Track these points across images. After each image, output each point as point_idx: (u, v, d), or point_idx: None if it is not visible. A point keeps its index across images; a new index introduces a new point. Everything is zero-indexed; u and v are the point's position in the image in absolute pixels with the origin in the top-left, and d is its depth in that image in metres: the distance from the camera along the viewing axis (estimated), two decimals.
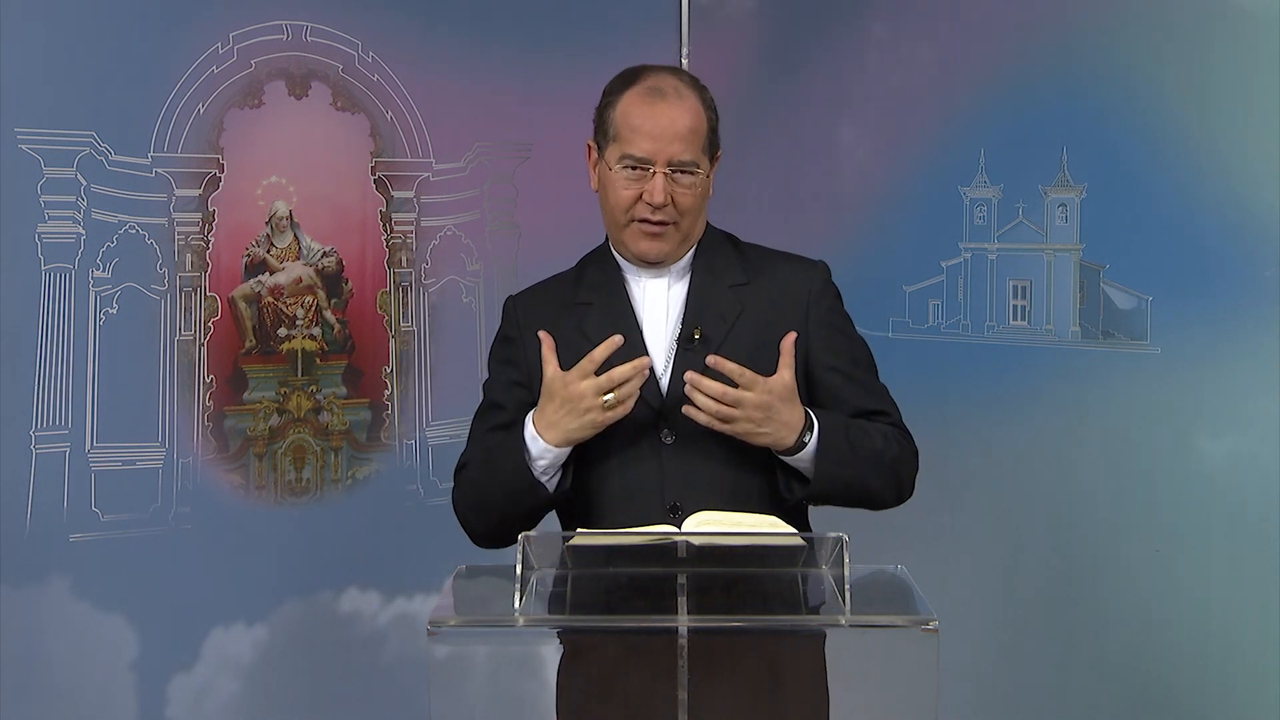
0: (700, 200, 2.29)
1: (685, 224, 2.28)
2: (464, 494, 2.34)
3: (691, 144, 2.24)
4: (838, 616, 1.89)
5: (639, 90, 2.27)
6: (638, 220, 2.27)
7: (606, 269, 2.36)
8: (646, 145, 2.23)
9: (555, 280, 2.43)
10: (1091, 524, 3.30)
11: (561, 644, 2.18)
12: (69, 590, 3.02)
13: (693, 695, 1.88)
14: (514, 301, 2.42)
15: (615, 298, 2.32)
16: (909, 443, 2.32)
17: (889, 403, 2.34)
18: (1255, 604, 3.09)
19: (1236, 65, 3.09)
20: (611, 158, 2.27)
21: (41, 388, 2.99)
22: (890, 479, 2.27)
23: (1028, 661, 3.39)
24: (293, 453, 3.33)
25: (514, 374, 2.35)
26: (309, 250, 3.35)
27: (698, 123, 2.26)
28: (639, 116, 2.25)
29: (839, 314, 2.36)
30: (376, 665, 3.42)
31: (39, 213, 2.98)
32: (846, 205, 3.65)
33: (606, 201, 2.31)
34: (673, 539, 2.02)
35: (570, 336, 2.29)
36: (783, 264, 2.37)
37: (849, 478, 2.22)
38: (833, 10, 3.68)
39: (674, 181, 2.24)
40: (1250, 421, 3.09)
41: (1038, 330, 3.41)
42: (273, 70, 3.27)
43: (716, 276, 2.32)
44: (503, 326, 2.41)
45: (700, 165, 2.26)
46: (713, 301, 2.30)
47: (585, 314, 2.32)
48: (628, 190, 2.26)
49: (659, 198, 2.23)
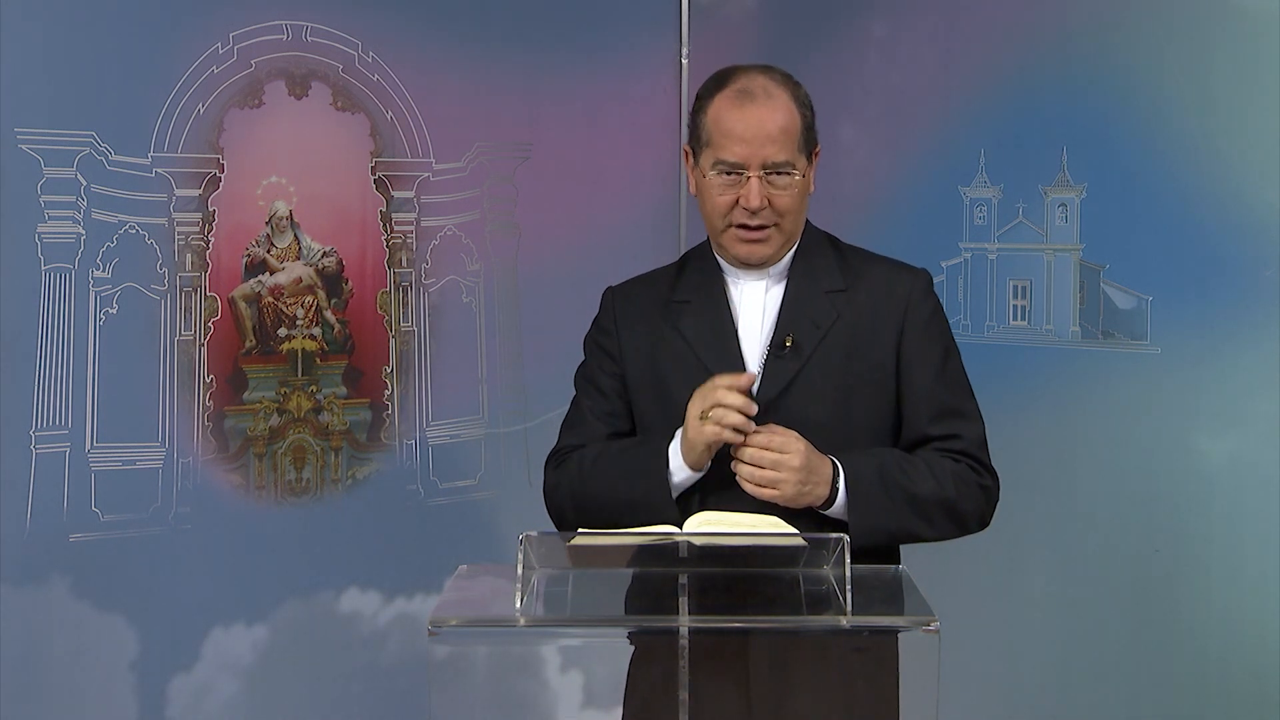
0: (799, 200, 2.26)
1: (786, 225, 2.26)
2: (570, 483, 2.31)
3: (785, 145, 2.22)
4: (838, 616, 1.89)
5: (729, 93, 2.24)
6: (736, 225, 2.25)
7: (706, 268, 2.34)
8: (739, 149, 2.21)
9: (657, 274, 2.42)
10: (1091, 524, 3.30)
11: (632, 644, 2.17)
12: (69, 590, 3.02)
13: (694, 695, 1.87)
14: (613, 293, 2.41)
15: (713, 299, 2.30)
16: (979, 476, 2.28)
17: (969, 427, 2.30)
18: (1255, 603, 3.09)
19: (1236, 65, 3.09)
20: (706, 163, 2.25)
21: (41, 388, 2.99)
22: (942, 520, 2.24)
23: (1028, 661, 3.39)
24: (293, 453, 3.33)
25: (611, 365, 2.35)
26: (309, 250, 3.35)
27: (790, 122, 2.23)
28: (730, 120, 2.22)
29: (935, 326, 2.32)
30: (376, 665, 3.42)
31: (39, 213, 2.98)
32: (846, 205, 3.64)
33: (704, 206, 2.28)
34: (674, 539, 2.02)
35: (666, 334, 2.30)
36: (883, 270, 2.34)
37: (890, 528, 2.20)
38: (833, 10, 3.68)
39: (770, 184, 2.22)
40: (1250, 421, 3.09)
41: (1038, 330, 3.41)
42: (273, 70, 3.27)
43: (814, 281, 2.30)
44: (600, 317, 2.40)
45: (796, 165, 2.24)
46: (808, 308, 2.27)
47: (682, 312, 2.31)
48: (723, 196, 2.24)
49: (755, 202, 2.21)
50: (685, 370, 2.26)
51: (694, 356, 2.27)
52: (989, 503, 2.30)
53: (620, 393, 2.33)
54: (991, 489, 2.30)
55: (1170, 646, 3.19)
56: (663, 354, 2.27)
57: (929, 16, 3.55)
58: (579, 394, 2.39)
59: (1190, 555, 3.16)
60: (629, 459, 2.26)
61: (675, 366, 2.26)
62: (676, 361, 2.26)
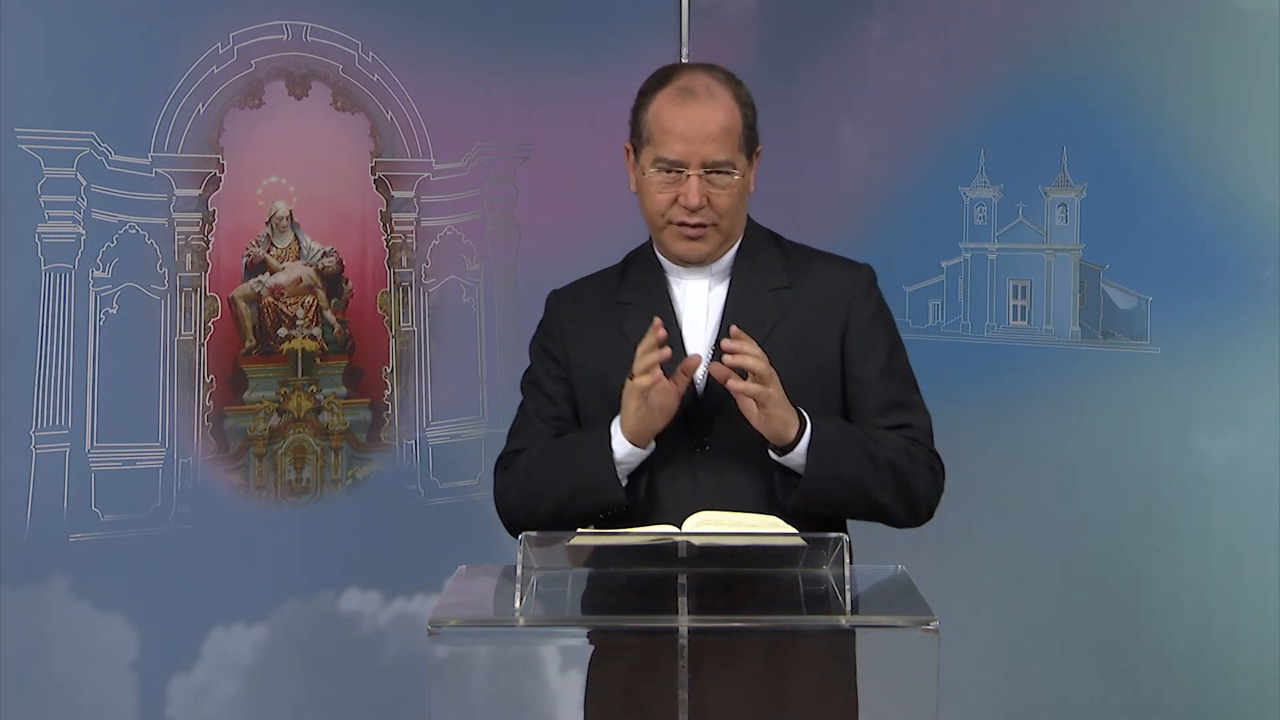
0: (738, 200, 2.26)
1: (724, 224, 2.25)
2: (519, 483, 2.30)
3: (726, 144, 2.21)
4: (838, 616, 1.89)
5: (671, 90, 2.24)
6: (675, 223, 2.25)
7: (649, 268, 2.34)
8: (679, 147, 2.20)
9: (599, 276, 2.41)
10: (1091, 524, 3.30)
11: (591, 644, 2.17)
12: (69, 590, 3.02)
13: (693, 695, 1.88)
14: (557, 296, 2.41)
15: (656, 299, 2.30)
16: (930, 460, 2.28)
17: (917, 418, 2.30)
18: (1255, 603, 3.09)
19: (1236, 65, 3.09)
20: (646, 160, 2.24)
21: (41, 388, 2.99)
22: (895, 489, 2.22)
23: (1028, 661, 3.39)
24: (293, 453, 3.33)
25: (556, 369, 2.35)
26: (309, 250, 3.35)
27: (731, 121, 2.22)
28: (671, 118, 2.21)
29: (879, 321, 2.32)
30: (376, 665, 3.42)
31: (39, 213, 2.98)
32: (846, 205, 3.65)
33: (644, 204, 2.28)
34: (673, 539, 2.02)
35: (610, 335, 2.29)
36: (826, 266, 2.34)
37: (844, 477, 2.18)
38: (833, 10, 3.68)
39: (709, 183, 2.21)
40: (1250, 421, 3.09)
41: (1038, 330, 3.41)
42: (273, 70, 3.27)
43: (758, 279, 2.30)
44: (545, 321, 2.40)
45: (736, 164, 2.23)
46: (752, 306, 2.27)
47: (626, 314, 2.31)
48: (663, 193, 2.23)
49: (694, 200, 2.21)
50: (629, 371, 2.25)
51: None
52: (937, 488, 2.29)
53: (567, 397, 2.33)
54: (939, 474, 2.30)
55: (1170, 646, 3.19)
56: (608, 356, 2.26)
57: (929, 16, 3.55)
58: (525, 399, 2.38)
59: (1190, 555, 3.16)
60: (572, 445, 2.26)
61: (621, 368, 2.24)
62: (622, 363, 2.24)
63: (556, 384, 2.34)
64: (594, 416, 2.31)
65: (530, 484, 2.27)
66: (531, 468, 2.28)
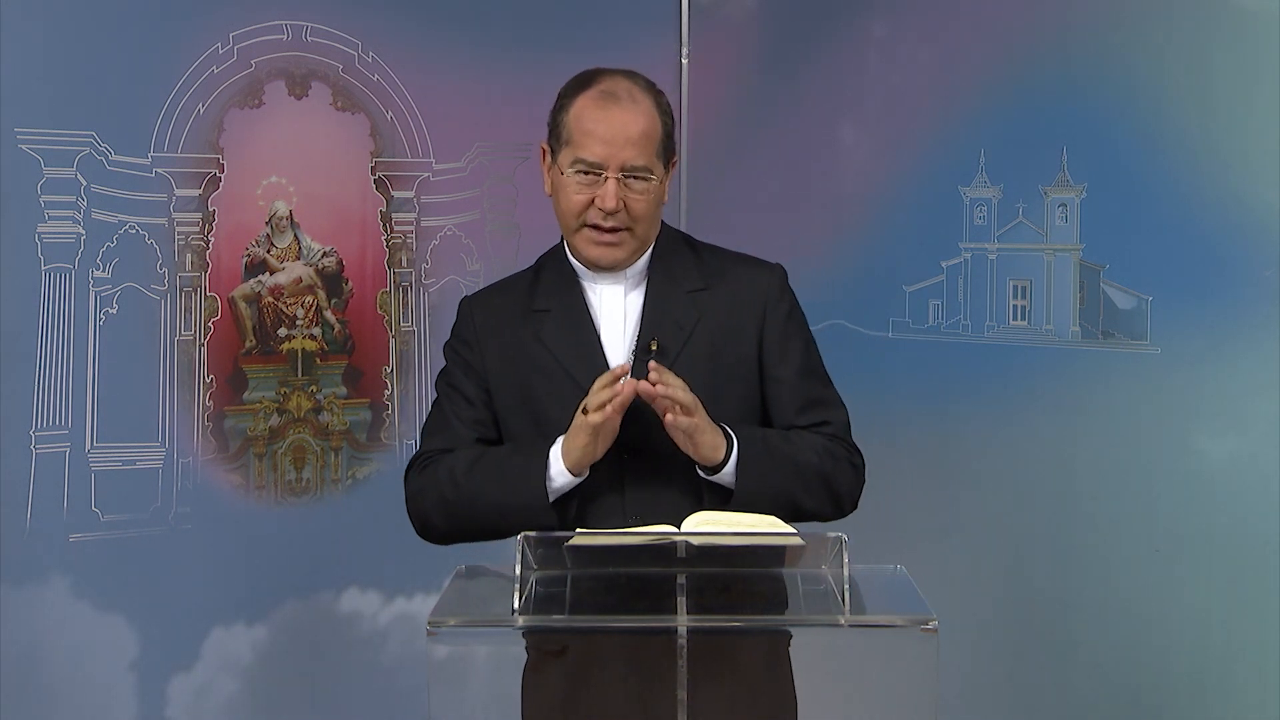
0: (654, 206, 2.26)
1: (639, 230, 2.25)
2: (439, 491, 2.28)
3: (644, 149, 2.22)
4: (837, 616, 1.89)
5: (592, 93, 2.24)
6: (589, 226, 2.24)
7: (563, 272, 2.33)
8: (599, 150, 2.20)
9: (512, 281, 2.40)
10: (1091, 524, 3.30)
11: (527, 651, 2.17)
12: (69, 590, 3.02)
13: (692, 695, 1.88)
14: (470, 304, 2.39)
15: (573, 306, 2.30)
16: (850, 455, 2.30)
17: (835, 414, 2.32)
18: (1255, 604, 3.09)
19: (1236, 65, 3.09)
20: (564, 161, 2.24)
21: (41, 388, 2.99)
22: (821, 492, 2.25)
23: (1027, 662, 3.39)
24: (293, 453, 3.33)
25: (475, 376, 2.33)
26: (309, 250, 3.35)
27: (651, 127, 2.23)
28: (591, 120, 2.21)
29: (794, 320, 2.34)
30: (376, 665, 3.42)
31: (39, 213, 2.98)
32: (846, 205, 3.64)
33: (559, 206, 2.28)
34: (672, 539, 2.02)
35: (528, 343, 2.29)
36: (740, 267, 2.35)
37: (772, 491, 2.19)
38: (833, 10, 3.68)
39: (627, 187, 2.21)
40: (1250, 421, 3.09)
41: (1038, 330, 3.41)
42: (273, 70, 3.27)
43: (674, 282, 2.30)
44: (459, 328, 2.38)
45: (654, 171, 2.23)
46: (670, 310, 2.27)
47: (543, 321, 2.30)
48: (580, 195, 2.23)
49: (611, 203, 2.20)
50: (551, 380, 2.26)
51: (558, 366, 2.26)
52: (858, 481, 2.31)
53: (485, 401, 2.32)
54: (860, 468, 2.32)
55: (1170, 646, 3.19)
56: (526, 364, 2.26)
57: (929, 16, 3.55)
58: (441, 399, 2.36)
59: (1190, 555, 3.16)
60: (506, 462, 2.24)
61: (540, 377, 2.25)
62: (541, 372, 2.25)
63: (475, 389, 2.33)
64: (515, 428, 2.30)
65: (455, 495, 2.25)
66: (457, 480, 2.26)
